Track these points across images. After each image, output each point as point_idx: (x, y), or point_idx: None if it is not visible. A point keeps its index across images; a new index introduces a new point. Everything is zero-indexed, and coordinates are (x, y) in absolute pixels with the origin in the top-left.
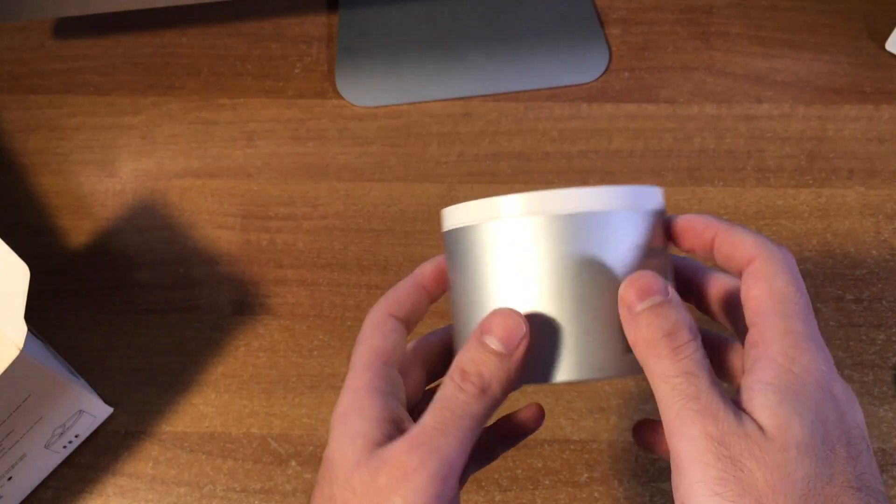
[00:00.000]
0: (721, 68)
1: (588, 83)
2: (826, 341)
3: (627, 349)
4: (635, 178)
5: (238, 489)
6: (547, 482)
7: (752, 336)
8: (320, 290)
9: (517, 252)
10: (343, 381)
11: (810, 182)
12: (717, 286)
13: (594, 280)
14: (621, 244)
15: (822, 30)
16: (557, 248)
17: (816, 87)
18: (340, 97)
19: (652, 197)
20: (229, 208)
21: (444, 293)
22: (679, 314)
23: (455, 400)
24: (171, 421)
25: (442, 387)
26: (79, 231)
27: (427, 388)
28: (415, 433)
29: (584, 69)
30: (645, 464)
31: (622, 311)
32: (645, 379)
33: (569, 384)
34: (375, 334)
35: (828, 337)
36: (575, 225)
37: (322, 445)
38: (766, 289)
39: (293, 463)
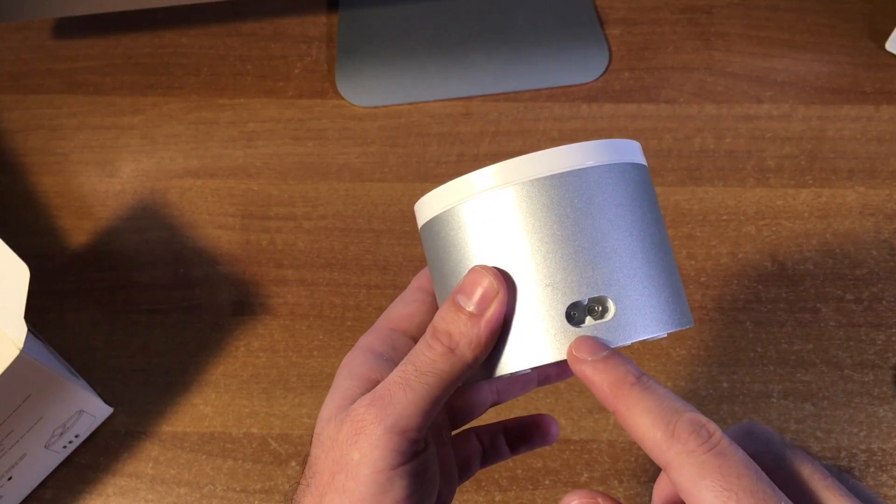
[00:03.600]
0: (721, 68)
1: (588, 83)
2: (826, 341)
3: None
4: None
5: (238, 489)
6: (547, 482)
7: None
8: (320, 290)
9: (496, 231)
10: None
11: (810, 182)
12: None
13: (582, 247)
14: (609, 201)
15: (822, 30)
16: (539, 218)
17: (816, 87)
18: (340, 97)
19: (631, 150)
20: (229, 208)
21: None
22: (625, 363)
23: (421, 357)
24: (171, 421)
25: (414, 347)
26: (79, 231)
27: None
28: (377, 389)
29: (584, 69)
30: (645, 464)
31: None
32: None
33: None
34: (398, 302)
35: (828, 337)
36: (554, 187)
37: None
38: None
39: (293, 463)
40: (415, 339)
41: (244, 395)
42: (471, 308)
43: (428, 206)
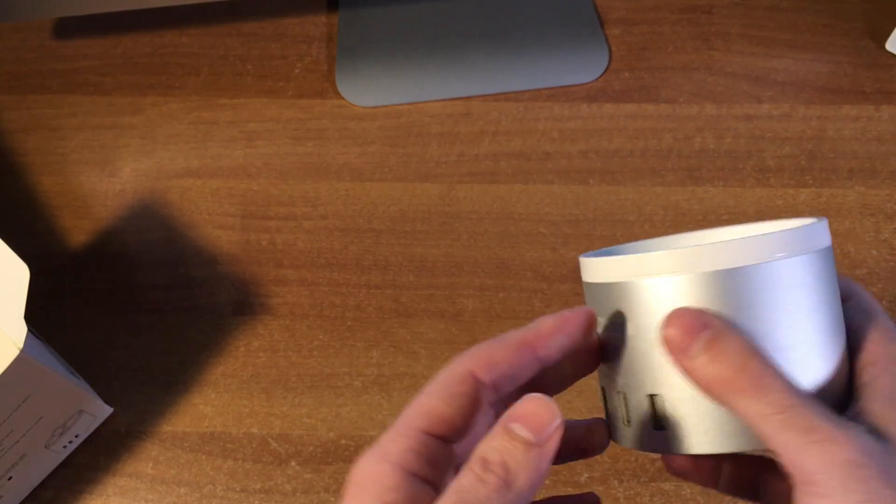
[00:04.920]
0: (721, 68)
1: (588, 83)
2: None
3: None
4: (635, 178)
5: (238, 489)
6: (547, 482)
7: (864, 358)
8: (320, 290)
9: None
10: (344, 381)
11: (810, 182)
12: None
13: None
14: (791, 297)
15: (822, 30)
16: (720, 309)
17: (816, 87)
18: (340, 97)
19: (820, 235)
20: (229, 208)
21: (559, 359)
22: (740, 341)
23: (472, 493)
24: (171, 421)
25: (457, 478)
26: (79, 231)
27: None
28: None
29: (584, 69)
30: (645, 464)
31: (675, 357)
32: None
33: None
34: (439, 392)
35: None
36: (739, 280)
37: (322, 445)
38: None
39: (293, 463)
40: (459, 453)
41: (244, 395)
42: (529, 436)
43: (609, 271)
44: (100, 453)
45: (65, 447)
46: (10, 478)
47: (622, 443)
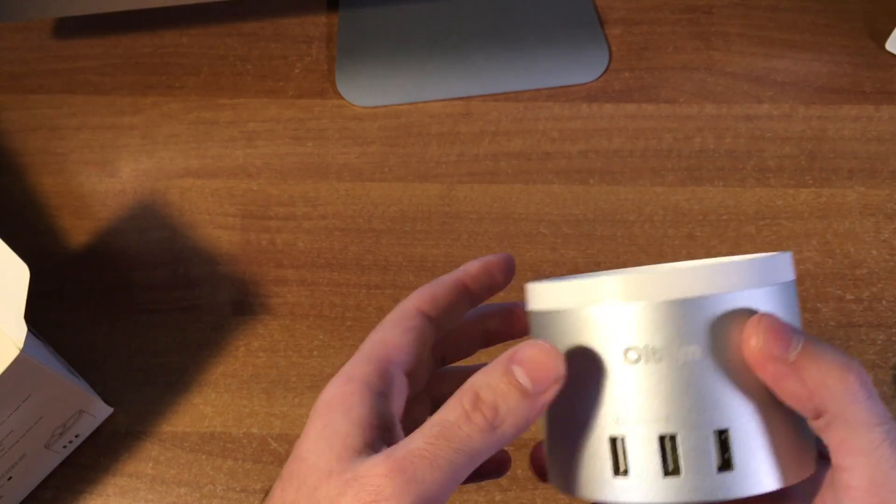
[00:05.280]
0: (721, 68)
1: (588, 83)
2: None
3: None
4: (635, 178)
5: (238, 489)
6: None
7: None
8: (320, 290)
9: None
10: None
11: (810, 182)
12: None
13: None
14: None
15: (822, 30)
16: (673, 342)
17: (816, 87)
18: (340, 97)
19: (784, 267)
20: (229, 208)
21: (487, 296)
22: (830, 346)
23: (456, 429)
24: (171, 421)
25: (445, 407)
26: (79, 231)
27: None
28: (399, 455)
29: (584, 69)
30: None
31: (768, 367)
32: None
33: None
34: (393, 327)
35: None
36: (697, 310)
37: None
38: (867, 479)
39: None
40: (411, 376)
41: (244, 395)
42: (527, 384)
43: (551, 298)
44: (100, 453)
45: (65, 447)
46: (10, 478)
47: (648, 498)
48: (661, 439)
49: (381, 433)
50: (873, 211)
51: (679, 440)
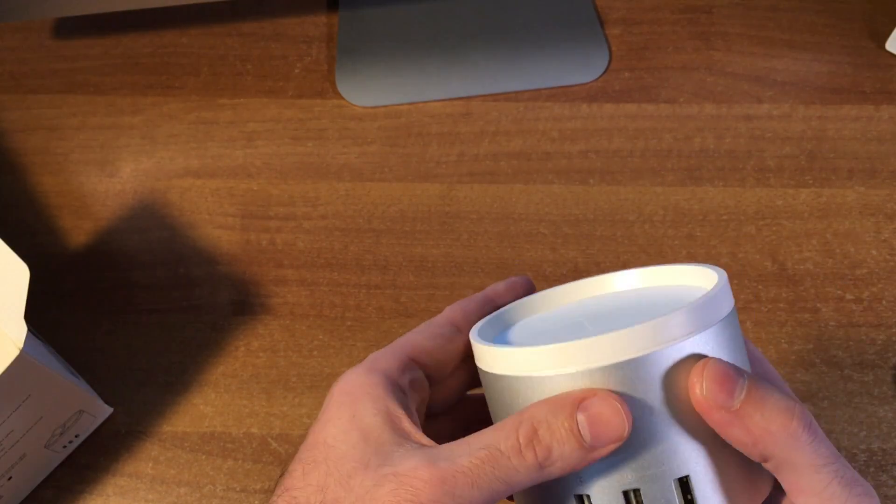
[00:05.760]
0: (721, 68)
1: (588, 83)
2: (826, 341)
3: None
4: (635, 178)
5: (238, 489)
6: None
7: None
8: (320, 290)
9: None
10: None
11: (810, 182)
12: None
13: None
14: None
15: (822, 30)
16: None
17: (816, 87)
18: (340, 97)
19: (723, 300)
20: (229, 208)
21: None
22: (773, 389)
23: (505, 459)
24: (171, 421)
25: (498, 430)
26: (79, 231)
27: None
28: (443, 465)
29: (584, 69)
30: None
31: (714, 415)
32: None
33: None
34: (423, 330)
35: (828, 337)
36: (642, 368)
37: None
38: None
39: None
40: (431, 378)
41: (244, 395)
42: (587, 437)
43: (498, 362)
44: (100, 453)
45: (65, 447)
46: (10, 478)
47: None
48: (626, 494)
49: (402, 429)
50: (873, 211)
51: (643, 493)
